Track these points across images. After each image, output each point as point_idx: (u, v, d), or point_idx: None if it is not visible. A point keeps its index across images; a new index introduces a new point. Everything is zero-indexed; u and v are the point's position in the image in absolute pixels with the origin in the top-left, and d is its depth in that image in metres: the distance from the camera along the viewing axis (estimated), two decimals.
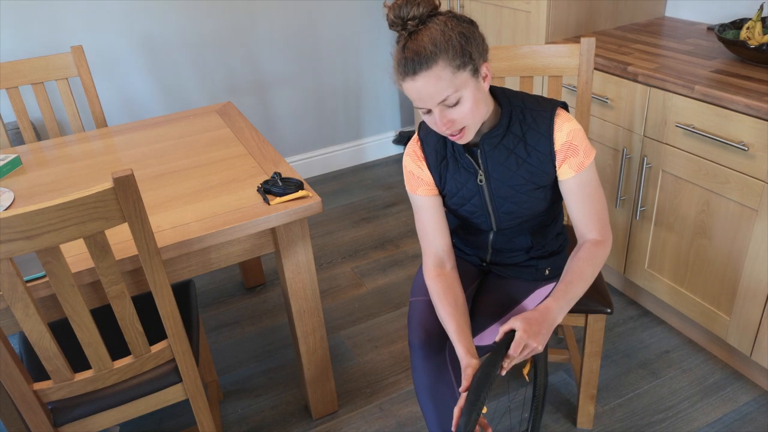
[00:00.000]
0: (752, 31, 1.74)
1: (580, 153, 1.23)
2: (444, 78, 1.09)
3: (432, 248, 1.35)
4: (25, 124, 2.06)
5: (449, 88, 1.10)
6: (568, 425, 1.74)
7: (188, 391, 1.42)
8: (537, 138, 1.23)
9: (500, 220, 1.33)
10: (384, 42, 3.16)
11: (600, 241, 1.27)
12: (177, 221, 1.44)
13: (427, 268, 1.36)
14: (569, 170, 1.24)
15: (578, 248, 1.28)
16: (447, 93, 1.10)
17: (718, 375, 1.87)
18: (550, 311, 1.18)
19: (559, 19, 2.13)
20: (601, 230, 1.27)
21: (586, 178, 1.25)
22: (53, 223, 1.05)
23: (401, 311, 2.23)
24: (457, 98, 1.12)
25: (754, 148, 1.56)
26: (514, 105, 1.24)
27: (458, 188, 1.31)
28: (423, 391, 1.33)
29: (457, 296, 1.31)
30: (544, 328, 1.15)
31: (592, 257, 1.24)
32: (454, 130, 1.16)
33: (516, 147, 1.24)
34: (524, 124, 1.23)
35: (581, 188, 1.25)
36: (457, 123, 1.15)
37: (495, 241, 1.40)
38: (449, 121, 1.14)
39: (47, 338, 1.20)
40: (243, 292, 2.41)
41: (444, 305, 1.29)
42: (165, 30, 2.64)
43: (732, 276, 1.74)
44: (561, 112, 1.24)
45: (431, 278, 1.34)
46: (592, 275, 1.24)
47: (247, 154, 1.76)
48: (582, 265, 1.24)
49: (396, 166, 3.33)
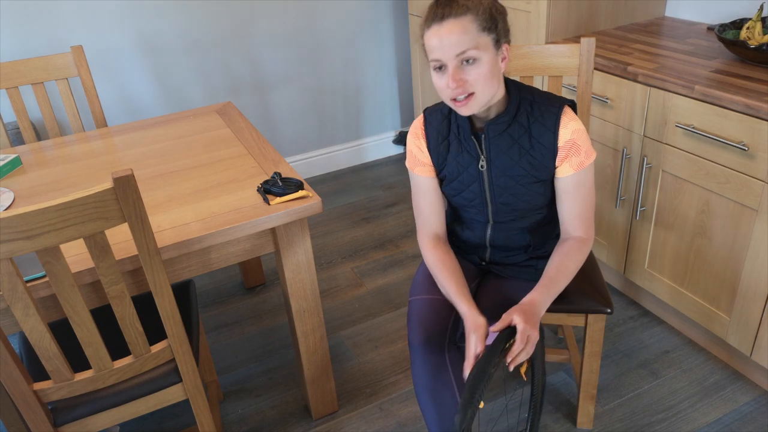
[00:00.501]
0: (752, 31, 1.74)
1: (581, 153, 1.25)
2: (470, 31, 1.12)
3: (426, 226, 1.41)
4: (25, 124, 2.06)
5: (471, 42, 1.13)
6: (568, 425, 1.74)
7: (188, 391, 1.42)
8: (542, 131, 1.25)
9: (497, 211, 1.34)
10: (384, 42, 3.16)
11: (584, 239, 1.31)
12: (177, 221, 1.44)
13: (423, 241, 1.41)
14: (569, 168, 1.26)
15: (562, 243, 1.32)
16: (468, 46, 1.13)
17: (718, 375, 1.87)
18: (536, 304, 1.22)
19: (559, 19, 2.13)
20: (587, 230, 1.32)
21: (583, 179, 1.27)
22: (53, 223, 1.05)
23: (401, 311, 2.23)
24: (476, 56, 1.14)
25: (753, 148, 1.56)
26: (524, 96, 1.27)
27: (459, 172, 1.32)
28: (423, 391, 1.33)
29: (454, 264, 1.35)
30: (535, 317, 1.20)
31: (575, 254, 1.29)
32: (463, 93, 1.16)
33: (520, 137, 1.26)
34: (531, 116, 1.25)
35: (577, 188, 1.28)
36: (468, 86, 1.16)
37: (493, 236, 1.40)
38: (461, 80, 1.15)
39: (47, 338, 1.20)
40: (243, 292, 2.41)
41: (441, 270, 1.33)
42: (165, 30, 2.64)
43: (732, 276, 1.74)
44: (568, 110, 1.26)
45: (427, 249, 1.38)
46: (574, 271, 1.30)
47: (247, 154, 1.76)
48: (566, 261, 1.28)
49: (396, 166, 3.33)
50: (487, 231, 1.40)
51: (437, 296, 1.39)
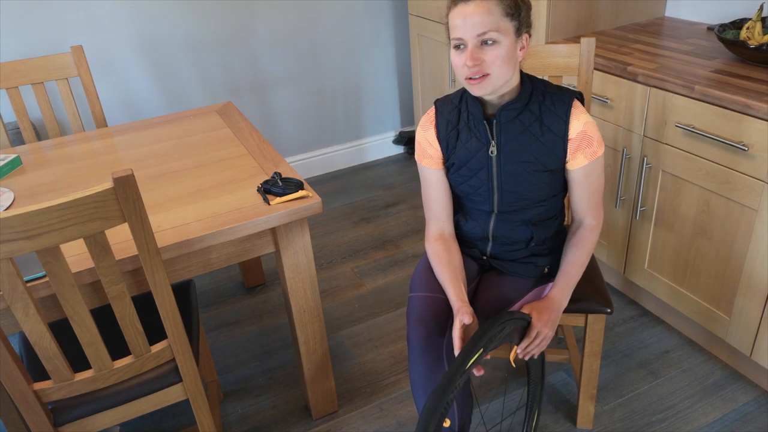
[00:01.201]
0: (752, 31, 1.74)
1: (594, 143, 1.31)
2: (494, 13, 1.17)
3: (434, 219, 1.45)
4: (25, 124, 2.06)
5: (493, 24, 1.17)
6: (568, 425, 1.74)
7: (188, 391, 1.42)
8: (553, 119, 1.29)
9: (502, 200, 1.37)
10: (384, 42, 3.16)
11: (594, 225, 1.40)
12: (177, 221, 1.44)
13: (429, 234, 1.46)
14: (583, 159, 1.31)
15: (573, 234, 1.40)
16: (490, 27, 1.17)
17: (718, 375, 1.87)
18: (556, 300, 1.32)
19: (559, 19, 2.13)
20: (596, 216, 1.40)
21: (596, 168, 1.33)
22: (53, 223, 1.05)
23: (401, 311, 2.23)
24: (495, 38, 1.18)
25: (754, 148, 1.56)
26: (536, 86, 1.31)
27: (468, 158, 1.35)
28: (418, 387, 1.34)
29: (454, 257, 1.39)
30: (553, 316, 1.29)
31: (586, 243, 1.39)
32: (478, 72, 1.20)
33: (531, 125, 1.30)
34: (543, 105, 1.30)
35: (588, 178, 1.34)
36: (484, 66, 1.20)
37: (496, 228, 1.41)
38: (478, 59, 1.19)
39: (47, 338, 1.20)
40: (243, 292, 2.41)
41: (440, 262, 1.38)
42: (165, 30, 2.64)
43: (732, 276, 1.74)
44: (578, 103, 1.32)
45: (431, 242, 1.43)
46: (586, 260, 1.39)
47: (247, 154, 1.76)
48: (578, 253, 1.38)
49: (396, 166, 3.33)
50: (490, 222, 1.41)
51: (437, 294, 1.39)
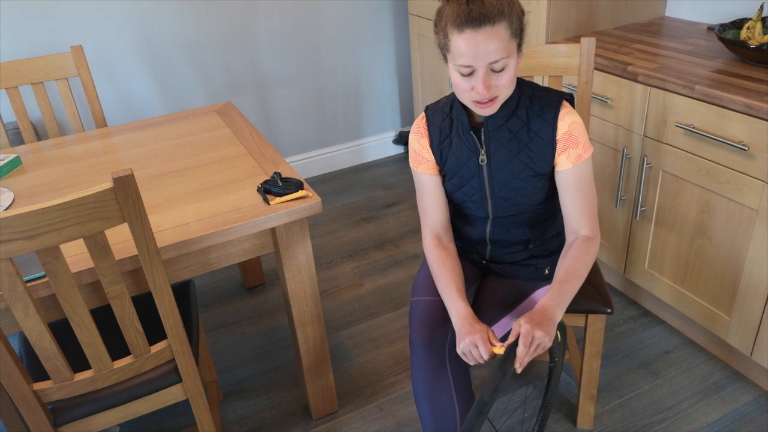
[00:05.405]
0: (752, 31, 1.74)
1: (579, 145, 1.27)
2: (503, 39, 1.13)
3: (430, 224, 1.42)
4: (25, 124, 2.06)
5: (503, 51, 1.14)
6: (568, 425, 1.74)
7: (188, 391, 1.42)
8: (541, 124, 1.27)
9: (497, 206, 1.35)
10: (384, 42, 3.16)
11: (590, 237, 1.30)
12: (177, 221, 1.44)
13: (426, 241, 1.42)
14: (567, 161, 1.27)
15: (569, 246, 1.31)
16: (501, 55, 1.14)
17: (718, 375, 1.87)
18: (548, 308, 1.21)
19: (559, 19, 2.13)
20: (591, 226, 1.31)
21: (583, 173, 1.28)
22: (53, 223, 1.05)
23: (401, 311, 2.23)
24: (504, 65, 1.16)
25: (754, 148, 1.56)
26: (524, 91, 1.29)
27: (459, 167, 1.34)
28: (421, 392, 1.34)
29: (454, 265, 1.36)
30: (545, 320, 1.18)
31: (583, 254, 1.28)
32: (489, 97, 1.18)
33: (519, 131, 1.28)
34: (530, 110, 1.27)
35: (577, 182, 1.29)
36: (494, 90, 1.18)
37: (493, 232, 1.41)
38: (491, 86, 1.17)
39: (47, 338, 1.20)
40: (243, 292, 2.41)
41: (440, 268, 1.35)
42: (165, 30, 2.64)
43: (732, 276, 1.74)
44: (566, 104, 1.29)
45: (429, 249, 1.40)
46: (585, 272, 1.28)
47: (246, 154, 1.76)
48: (575, 262, 1.27)
49: (396, 166, 3.33)
50: (486, 227, 1.41)
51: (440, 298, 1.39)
